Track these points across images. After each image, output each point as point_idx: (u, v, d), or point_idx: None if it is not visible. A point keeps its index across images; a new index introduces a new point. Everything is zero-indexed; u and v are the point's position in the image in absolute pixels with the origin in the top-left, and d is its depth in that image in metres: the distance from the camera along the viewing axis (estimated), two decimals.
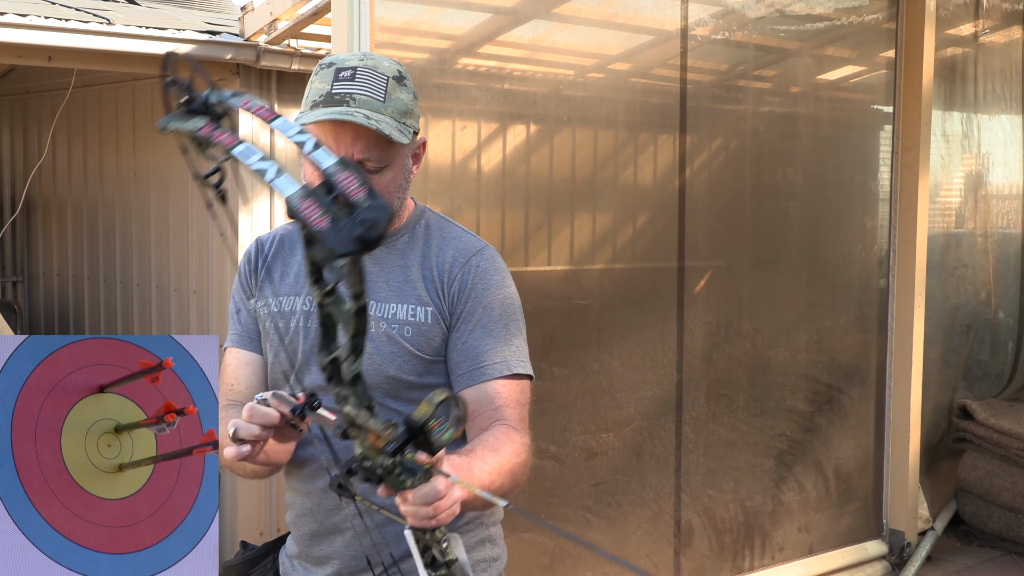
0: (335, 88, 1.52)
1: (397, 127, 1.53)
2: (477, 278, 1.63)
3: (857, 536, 4.09)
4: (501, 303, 1.63)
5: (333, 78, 1.53)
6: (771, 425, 3.79)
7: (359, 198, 0.82)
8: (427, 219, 1.70)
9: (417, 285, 1.63)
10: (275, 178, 0.85)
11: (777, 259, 3.82)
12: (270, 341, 1.69)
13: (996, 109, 4.92)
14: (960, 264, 4.75)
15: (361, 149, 1.52)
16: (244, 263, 1.75)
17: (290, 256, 1.71)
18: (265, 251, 1.73)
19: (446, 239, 1.67)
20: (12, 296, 5.47)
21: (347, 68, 1.54)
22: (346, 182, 0.83)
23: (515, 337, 1.63)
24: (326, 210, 0.82)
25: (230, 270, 4.11)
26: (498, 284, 1.64)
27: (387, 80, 1.54)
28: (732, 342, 3.64)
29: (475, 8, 3.04)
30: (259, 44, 3.87)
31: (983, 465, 4.46)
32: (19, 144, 5.44)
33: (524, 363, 1.63)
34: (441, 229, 1.69)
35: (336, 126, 1.51)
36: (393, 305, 1.62)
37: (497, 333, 1.61)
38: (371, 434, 1.01)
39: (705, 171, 3.58)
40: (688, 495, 3.52)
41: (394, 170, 1.57)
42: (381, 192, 1.51)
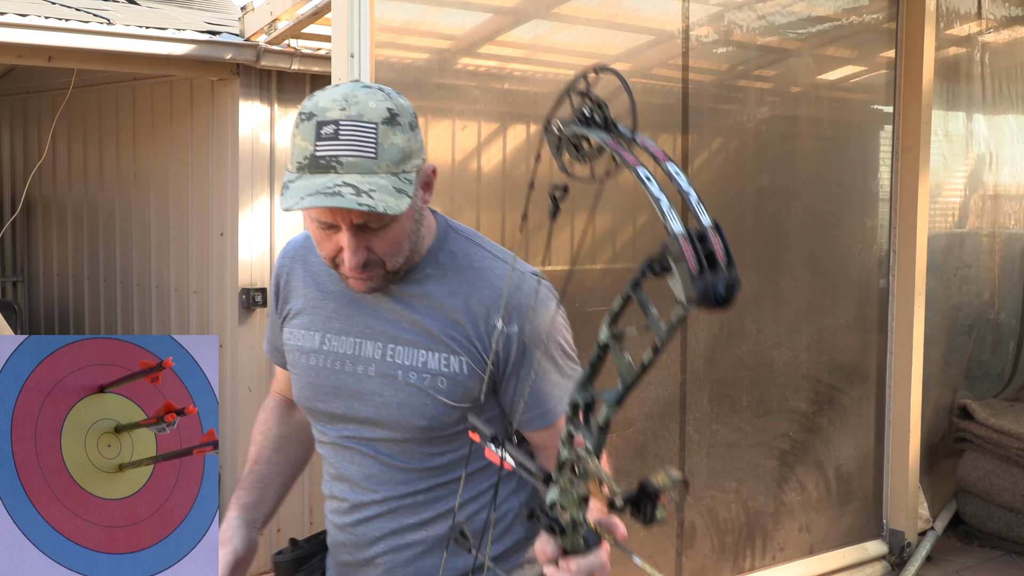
0: (318, 149, 1.35)
1: (395, 186, 1.36)
2: (526, 319, 1.49)
3: (857, 536, 4.09)
4: (553, 334, 1.52)
5: (315, 136, 1.36)
6: (773, 425, 3.78)
7: (721, 264, 0.84)
8: (451, 244, 1.55)
9: (449, 331, 1.49)
10: (669, 208, 0.87)
11: (778, 259, 3.82)
12: (290, 370, 1.66)
13: (1001, 108, 4.91)
14: (963, 264, 4.74)
15: (358, 216, 1.37)
16: (273, 278, 1.71)
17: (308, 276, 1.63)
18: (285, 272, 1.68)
19: (478, 271, 1.52)
20: (12, 296, 5.47)
21: (328, 122, 1.35)
22: (716, 242, 0.86)
23: (571, 362, 1.54)
24: (698, 258, 0.84)
25: (230, 270, 4.11)
26: (550, 318, 1.52)
27: (375, 128, 1.36)
28: (735, 342, 3.64)
29: (475, 8, 3.04)
30: (259, 44, 3.88)
31: (983, 465, 4.46)
32: (19, 144, 5.43)
33: None
34: (469, 257, 1.53)
35: None
36: (423, 352, 1.50)
37: (558, 369, 1.52)
38: (593, 483, 1.00)
39: (706, 171, 3.58)
40: (691, 496, 3.53)
41: (401, 220, 1.43)
42: (389, 248, 1.43)
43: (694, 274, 0.83)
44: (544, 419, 1.52)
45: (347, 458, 1.60)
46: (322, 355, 1.58)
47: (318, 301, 1.61)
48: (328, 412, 1.59)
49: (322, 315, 1.59)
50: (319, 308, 1.60)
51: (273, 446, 1.76)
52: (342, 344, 1.56)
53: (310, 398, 1.61)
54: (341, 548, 1.65)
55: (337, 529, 1.65)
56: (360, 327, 1.55)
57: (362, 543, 1.61)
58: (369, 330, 1.54)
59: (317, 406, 1.60)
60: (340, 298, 1.58)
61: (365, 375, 1.54)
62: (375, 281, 1.47)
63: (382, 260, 1.45)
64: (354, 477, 1.59)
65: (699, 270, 0.83)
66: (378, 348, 1.53)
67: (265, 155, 4.11)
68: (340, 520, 1.63)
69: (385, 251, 1.44)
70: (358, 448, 1.58)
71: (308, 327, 1.61)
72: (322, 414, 1.60)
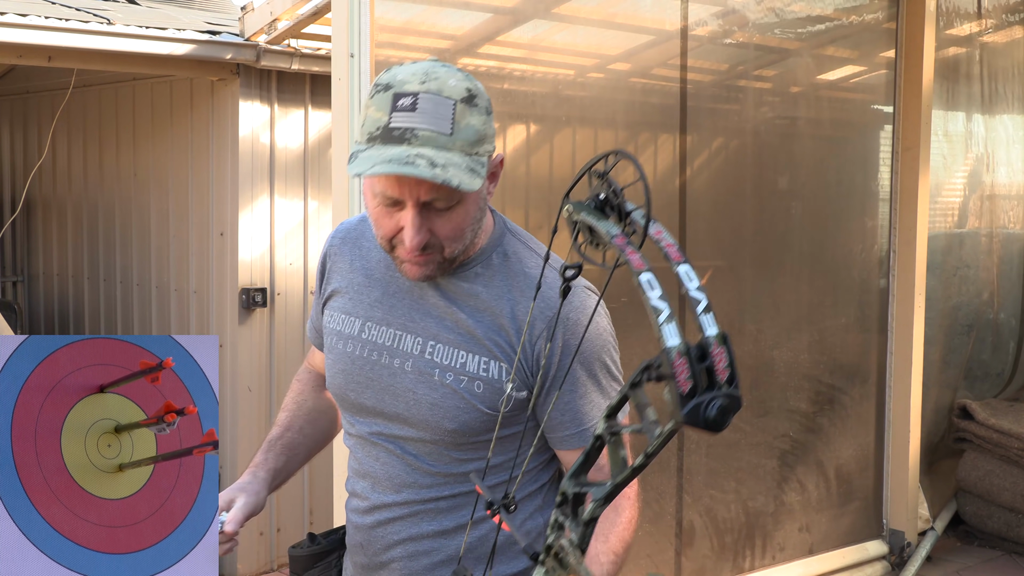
0: (394, 120, 1.32)
1: (468, 165, 1.33)
2: (569, 333, 1.45)
3: (858, 536, 4.10)
4: (599, 351, 1.48)
5: (391, 107, 1.33)
6: (773, 425, 3.79)
7: (722, 379, 0.83)
8: (506, 246, 1.52)
9: (492, 335, 1.45)
10: (666, 321, 0.86)
11: (777, 259, 3.82)
12: (326, 353, 1.63)
13: (1000, 108, 4.92)
14: (963, 264, 4.74)
15: (427, 191, 1.35)
16: (320, 258, 1.68)
17: (357, 259, 1.60)
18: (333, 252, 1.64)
19: (530, 278, 1.48)
20: (12, 296, 5.47)
21: (407, 94, 1.33)
22: (718, 356, 0.84)
23: (615, 383, 1.50)
24: (692, 374, 0.82)
25: (230, 270, 4.11)
26: (594, 334, 1.47)
27: (454, 105, 1.33)
28: (734, 342, 3.63)
29: (475, 8, 3.04)
30: (259, 44, 3.88)
31: (983, 465, 4.46)
32: (19, 144, 5.44)
33: None
34: (522, 262, 1.50)
35: None
36: (463, 354, 1.46)
37: (600, 389, 1.48)
38: None
39: (706, 171, 3.58)
40: (690, 495, 3.53)
41: (466, 204, 1.40)
42: (451, 232, 1.40)
43: (683, 393, 0.82)
44: (580, 439, 1.48)
45: (372, 454, 1.57)
46: (360, 343, 1.54)
47: (363, 287, 1.57)
48: (358, 403, 1.56)
49: (365, 302, 1.56)
50: (363, 294, 1.57)
51: (306, 417, 1.76)
52: (382, 335, 1.53)
53: (342, 386, 1.58)
54: (358, 549, 1.62)
55: (355, 529, 1.62)
56: (402, 319, 1.52)
57: (379, 546, 1.58)
58: (411, 323, 1.51)
59: (348, 395, 1.57)
60: (386, 286, 1.55)
61: (401, 370, 1.50)
62: (430, 267, 1.44)
63: (442, 244, 1.41)
64: (377, 475, 1.56)
65: (692, 388, 0.82)
66: (418, 343, 1.50)
67: (265, 155, 4.11)
68: (359, 520, 1.61)
69: (447, 234, 1.40)
70: (384, 445, 1.55)
71: (350, 312, 1.57)
72: (352, 404, 1.57)
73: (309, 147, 4.22)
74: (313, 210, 4.25)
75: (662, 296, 0.87)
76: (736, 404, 0.82)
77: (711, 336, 0.84)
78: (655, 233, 0.95)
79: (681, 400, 0.81)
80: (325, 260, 1.66)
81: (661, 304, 0.87)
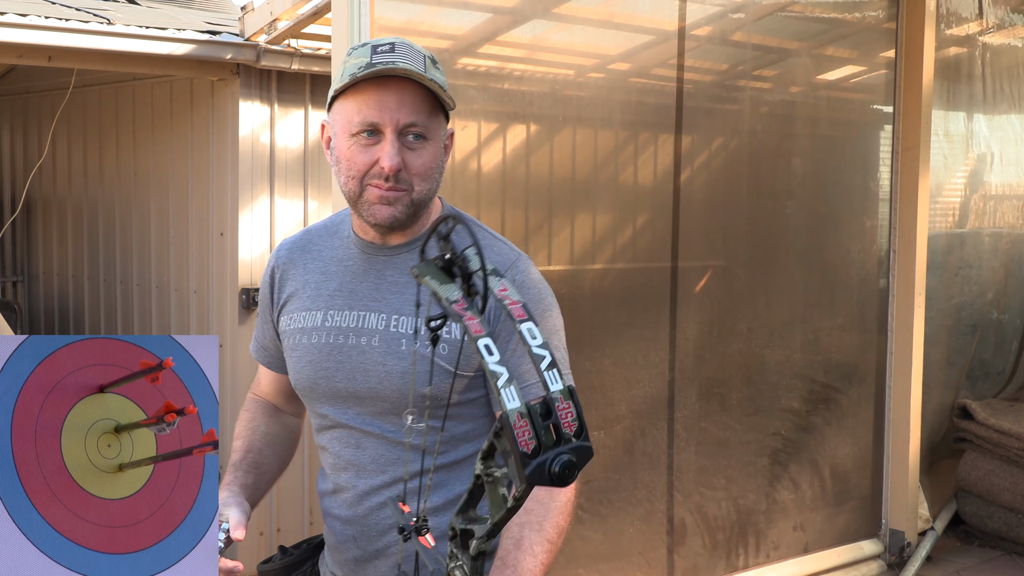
0: (375, 59, 1.47)
1: None
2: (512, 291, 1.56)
3: (853, 535, 4.10)
4: (542, 319, 1.56)
5: (371, 53, 1.49)
6: (765, 424, 3.79)
7: (569, 432, 0.85)
8: None
9: None
10: (505, 385, 0.88)
11: (777, 259, 3.82)
12: (288, 355, 1.65)
13: (1003, 108, 4.91)
14: (964, 264, 4.74)
15: (407, 114, 1.48)
16: (266, 274, 1.72)
17: (310, 262, 1.66)
18: (281, 264, 1.70)
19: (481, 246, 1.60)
20: (12, 296, 5.47)
21: (385, 43, 1.50)
22: (564, 411, 0.86)
23: (557, 351, 1.56)
24: (535, 434, 0.85)
25: (230, 270, 4.11)
26: (536, 299, 1.57)
27: (424, 57, 1.51)
28: (725, 341, 3.64)
29: (475, 8, 3.05)
30: (259, 44, 3.88)
31: (983, 465, 4.46)
32: (19, 144, 5.44)
33: (566, 377, 1.56)
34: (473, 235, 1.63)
35: (380, 92, 1.48)
36: None
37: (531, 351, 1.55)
38: None
39: (704, 171, 3.58)
40: (680, 493, 3.53)
41: (434, 146, 1.53)
42: (421, 170, 1.51)
43: (527, 453, 0.83)
44: None
45: (351, 443, 1.59)
46: (324, 331, 1.59)
47: (321, 283, 1.63)
48: (330, 389, 1.58)
49: (324, 295, 1.61)
50: (321, 289, 1.62)
51: (263, 441, 1.75)
52: (345, 318, 1.58)
53: (311, 377, 1.60)
54: (350, 544, 1.62)
55: (344, 524, 1.62)
56: (364, 300, 1.58)
57: (372, 533, 1.59)
58: (373, 302, 1.57)
59: (319, 384, 1.59)
60: (343, 276, 1.61)
61: (369, 346, 1.55)
62: (399, 207, 1.52)
63: (412, 181, 1.51)
64: (360, 461, 1.58)
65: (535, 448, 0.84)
66: (382, 319, 1.56)
67: (265, 155, 4.11)
68: (347, 513, 1.61)
69: (418, 170, 1.51)
70: (361, 429, 1.57)
71: (309, 308, 1.62)
72: (323, 393, 1.59)
73: (309, 147, 4.22)
74: (313, 210, 4.25)
75: (500, 361, 0.89)
76: (585, 455, 0.84)
77: (556, 392, 0.86)
78: (499, 291, 0.97)
79: (524, 460, 0.83)
80: (273, 274, 1.70)
81: (499, 368, 0.89)
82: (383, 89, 1.48)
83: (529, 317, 0.94)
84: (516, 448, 0.83)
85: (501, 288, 0.97)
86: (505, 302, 0.96)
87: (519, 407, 0.85)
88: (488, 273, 0.98)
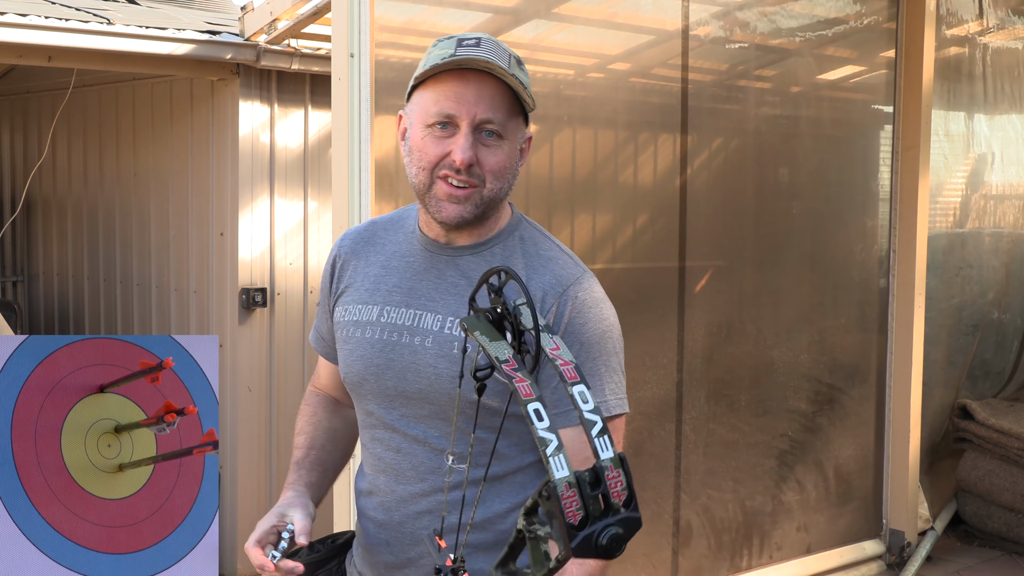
0: (459, 51, 1.45)
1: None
2: (575, 312, 1.50)
3: (855, 536, 4.09)
4: (600, 338, 1.52)
5: (456, 45, 1.46)
6: (772, 425, 3.78)
7: (618, 502, 0.83)
8: (523, 231, 1.58)
9: None
10: (554, 453, 0.86)
11: (777, 259, 3.82)
12: (341, 347, 1.62)
13: (1003, 108, 4.91)
14: (965, 264, 4.74)
15: (484, 109, 1.45)
16: (328, 263, 1.69)
17: (372, 255, 1.63)
18: (343, 254, 1.66)
19: (542, 259, 1.55)
20: (12, 296, 5.47)
21: (471, 38, 1.47)
22: (614, 480, 0.84)
23: (613, 373, 1.53)
24: (583, 503, 0.83)
25: (230, 270, 4.11)
26: (597, 318, 1.52)
27: (510, 56, 1.48)
28: (733, 342, 3.64)
29: (475, 8, 3.04)
30: (259, 44, 3.88)
31: (983, 465, 4.46)
32: (19, 144, 5.44)
33: (619, 401, 1.53)
34: (537, 245, 1.57)
35: (459, 84, 1.46)
36: None
37: (593, 372, 1.51)
38: None
39: (706, 171, 3.58)
40: (687, 495, 3.52)
41: (510, 146, 1.50)
42: (494, 167, 1.48)
43: (575, 524, 0.82)
44: (567, 418, 1.49)
45: (392, 446, 1.56)
46: (379, 327, 1.56)
47: (380, 277, 1.60)
48: (379, 387, 1.55)
49: (383, 289, 1.58)
50: (381, 282, 1.59)
51: (325, 436, 1.73)
52: (401, 316, 1.55)
53: (361, 372, 1.57)
54: (383, 548, 1.59)
55: (378, 527, 1.60)
56: (422, 299, 1.55)
57: (406, 541, 1.56)
58: (431, 302, 1.54)
59: (368, 380, 1.56)
60: (403, 272, 1.58)
61: (422, 347, 1.52)
62: (469, 206, 1.49)
63: (484, 179, 1.48)
64: (400, 467, 1.55)
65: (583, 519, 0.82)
66: (437, 320, 1.52)
67: (265, 155, 4.11)
68: (383, 517, 1.58)
69: (491, 167, 1.48)
70: (405, 432, 1.55)
71: (366, 301, 1.59)
72: (372, 390, 1.57)
73: (309, 147, 4.21)
74: (313, 210, 4.25)
75: (549, 427, 0.87)
76: (633, 526, 0.83)
77: (606, 459, 0.84)
78: (551, 351, 0.95)
79: (571, 531, 0.81)
80: (335, 263, 1.67)
81: (548, 435, 0.87)
82: (463, 82, 1.46)
83: (581, 379, 0.92)
84: (563, 519, 0.82)
85: (553, 347, 0.96)
86: (557, 363, 0.94)
87: (567, 476, 0.83)
88: (541, 329, 0.96)
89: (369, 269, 1.62)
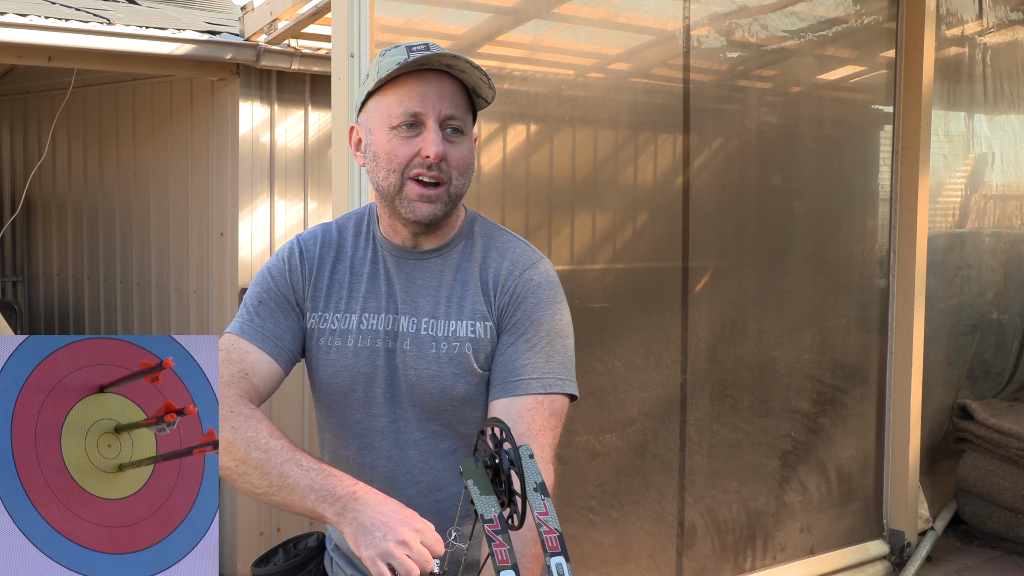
0: (412, 56, 1.49)
1: None
2: (528, 292, 1.58)
3: (858, 536, 4.09)
4: (550, 319, 1.58)
5: (407, 51, 1.50)
6: (775, 425, 3.78)
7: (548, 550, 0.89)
8: (481, 226, 1.67)
9: (475, 299, 1.58)
10: None
11: (778, 259, 3.82)
12: (321, 358, 1.60)
13: (1003, 108, 4.91)
14: (964, 264, 4.74)
15: (448, 106, 1.52)
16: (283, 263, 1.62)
17: (338, 261, 1.63)
18: (311, 257, 1.62)
19: (501, 249, 1.63)
20: (12, 296, 5.47)
21: (420, 44, 1.52)
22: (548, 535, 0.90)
23: (559, 354, 1.58)
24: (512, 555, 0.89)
25: (230, 270, 4.11)
26: (548, 300, 1.59)
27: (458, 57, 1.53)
28: (736, 342, 3.64)
29: (475, 8, 3.04)
30: (259, 44, 3.88)
31: (983, 465, 4.46)
32: (19, 144, 5.44)
33: (563, 381, 1.57)
34: (495, 239, 1.65)
35: (421, 84, 1.50)
36: (453, 323, 1.56)
37: (540, 348, 1.56)
38: None
39: (707, 170, 3.58)
40: (691, 496, 3.52)
41: (469, 141, 1.57)
42: (459, 164, 1.54)
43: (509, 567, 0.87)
44: (506, 389, 1.55)
45: (384, 453, 1.59)
46: (360, 335, 1.58)
47: (352, 284, 1.62)
48: (365, 396, 1.58)
49: (357, 296, 1.61)
50: (354, 289, 1.61)
51: None
52: (379, 321, 1.58)
53: (347, 382, 1.58)
54: None
55: None
56: (395, 303, 1.59)
57: None
58: (404, 305, 1.58)
59: (355, 388, 1.58)
60: (373, 278, 1.61)
61: (400, 349, 1.57)
62: (439, 205, 1.53)
63: (451, 175, 1.53)
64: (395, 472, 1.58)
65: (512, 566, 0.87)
66: (412, 322, 1.57)
67: (265, 155, 4.11)
68: None
69: (456, 163, 1.53)
70: (397, 437, 1.57)
71: (343, 309, 1.60)
72: (359, 400, 1.58)
73: (309, 147, 4.21)
74: (313, 210, 4.25)
75: None
76: None
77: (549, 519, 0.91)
78: (539, 515, 0.97)
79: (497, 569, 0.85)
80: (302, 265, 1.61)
81: None
82: (424, 81, 1.51)
83: (562, 551, 0.95)
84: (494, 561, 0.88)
85: (541, 511, 0.98)
86: (542, 528, 0.96)
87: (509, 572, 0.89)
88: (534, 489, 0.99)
89: (337, 276, 1.62)
